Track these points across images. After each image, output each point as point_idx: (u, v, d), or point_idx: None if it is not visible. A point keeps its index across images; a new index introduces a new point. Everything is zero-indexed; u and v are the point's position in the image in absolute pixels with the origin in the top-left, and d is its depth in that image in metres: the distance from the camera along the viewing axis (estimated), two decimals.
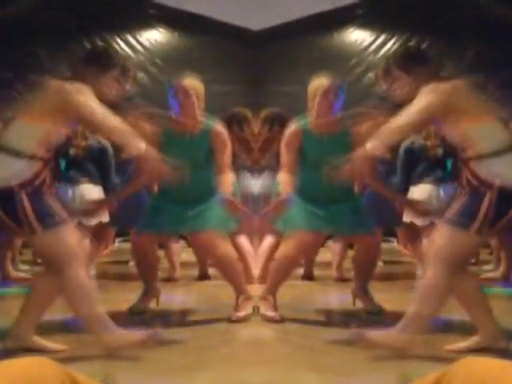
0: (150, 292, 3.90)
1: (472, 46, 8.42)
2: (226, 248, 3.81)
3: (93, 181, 5.17)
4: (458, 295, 3.01)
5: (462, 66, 8.52)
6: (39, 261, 5.71)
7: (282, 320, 3.70)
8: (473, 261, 5.78)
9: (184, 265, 5.62)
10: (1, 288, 4.94)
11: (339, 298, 4.52)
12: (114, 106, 3.03)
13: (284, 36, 8.38)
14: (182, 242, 5.61)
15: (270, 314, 3.73)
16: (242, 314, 3.73)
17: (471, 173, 2.91)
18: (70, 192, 5.12)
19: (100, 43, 8.58)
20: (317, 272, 5.45)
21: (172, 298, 4.47)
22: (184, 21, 8.63)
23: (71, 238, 2.96)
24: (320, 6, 8.32)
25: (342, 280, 5.19)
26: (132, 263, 5.02)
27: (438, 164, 5.17)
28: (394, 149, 3.44)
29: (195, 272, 5.44)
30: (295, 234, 3.78)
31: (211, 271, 5.24)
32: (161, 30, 8.93)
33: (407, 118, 2.88)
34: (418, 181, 5.16)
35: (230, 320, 3.68)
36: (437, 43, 8.61)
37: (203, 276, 5.37)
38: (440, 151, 5.09)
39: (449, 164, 5.17)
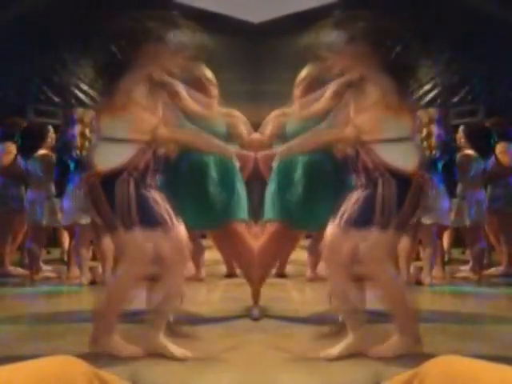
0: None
1: (447, 49, 8.43)
2: (248, 242, 3.86)
3: None
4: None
5: (437, 69, 8.56)
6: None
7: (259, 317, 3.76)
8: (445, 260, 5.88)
9: (211, 262, 5.68)
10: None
11: (313, 296, 4.61)
12: None
13: (261, 35, 8.36)
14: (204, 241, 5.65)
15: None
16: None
17: (366, 160, 2.96)
18: (82, 192, 5.14)
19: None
20: (288, 269, 5.54)
21: (196, 296, 4.52)
22: (206, 20, 8.66)
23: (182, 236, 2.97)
24: (305, 4, 8.31)
25: (315, 280, 5.17)
26: None
27: (430, 165, 5.15)
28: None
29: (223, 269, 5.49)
30: (270, 226, 3.82)
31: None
32: (184, 30, 8.96)
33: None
34: None
35: (251, 317, 3.73)
36: (412, 45, 8.61)
37: (231, 274, 5.39)
38: (438, 152, 5.09)
39: (439, 165, 5.19)
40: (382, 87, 2.99)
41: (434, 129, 5.08)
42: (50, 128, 5.70)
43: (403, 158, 2.94)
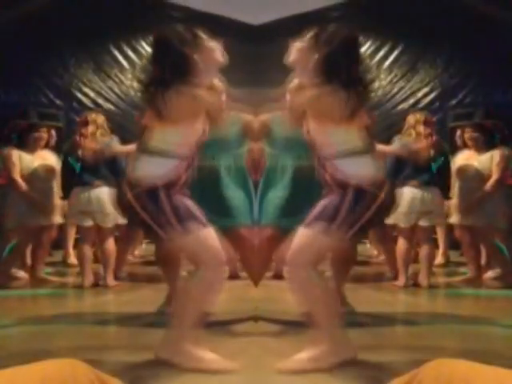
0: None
1: (446, 51, 8.45)
2: (250, 243, 3.89)
3: (107, 184, 5.14)
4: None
5: (435, 70, 8.58)
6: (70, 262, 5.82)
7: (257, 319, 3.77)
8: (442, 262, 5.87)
9: None
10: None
11: None
12: None
13: (259, 38, 8.35)
14: None
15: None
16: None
17: (329, 172, 2.95)
18: (86, 195, 5.18)
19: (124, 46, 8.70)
20: None
21: None
22: (207, 22, 8.69)
23: (214, 240, 2.92)
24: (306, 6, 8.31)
25: None
26: None
27: (424, 167, 5.17)
28: None
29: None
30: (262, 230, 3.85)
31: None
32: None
33: None
34: (404, 183, 5.14)
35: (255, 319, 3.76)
36: (411, 47, 8.64)
37: (233, 275, 5.41)
38: (432, 152, 5.12)
39: (434, 167, 5.19)
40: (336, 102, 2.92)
41: (423, 130, 5.11)
42: (53, 131, 5.71)
43: (362, 170, 2.92)
